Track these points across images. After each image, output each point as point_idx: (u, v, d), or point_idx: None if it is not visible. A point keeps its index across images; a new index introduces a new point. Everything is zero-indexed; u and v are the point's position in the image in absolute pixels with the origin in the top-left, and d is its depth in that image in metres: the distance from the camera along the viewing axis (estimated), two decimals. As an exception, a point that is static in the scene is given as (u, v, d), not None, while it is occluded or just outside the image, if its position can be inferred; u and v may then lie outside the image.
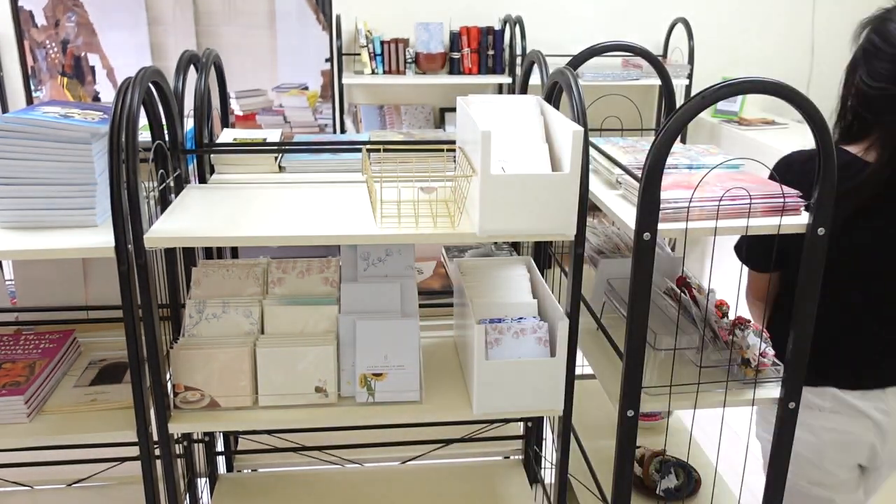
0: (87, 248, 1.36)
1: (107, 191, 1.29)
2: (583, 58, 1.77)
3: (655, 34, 3.81)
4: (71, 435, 1.49)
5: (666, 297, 1.58)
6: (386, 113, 3.77)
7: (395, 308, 1.58)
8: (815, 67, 3.97)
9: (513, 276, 1.70)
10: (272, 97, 3.74)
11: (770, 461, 1.50)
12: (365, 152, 1.51)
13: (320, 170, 1.77)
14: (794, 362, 1.42)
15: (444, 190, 1.56)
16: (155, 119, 1.51)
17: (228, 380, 1.49)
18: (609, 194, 1.55)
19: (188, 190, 1.64)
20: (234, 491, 1.91)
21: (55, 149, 1.38)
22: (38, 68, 3.58)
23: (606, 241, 1.85)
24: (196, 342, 1.51)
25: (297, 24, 3.67)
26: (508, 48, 3.56)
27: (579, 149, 1.33)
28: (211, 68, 1.75)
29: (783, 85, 1.26)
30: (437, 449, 2.04)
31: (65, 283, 1.82)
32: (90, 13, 3.55)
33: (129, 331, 1.37)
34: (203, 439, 1.90)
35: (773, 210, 1.36)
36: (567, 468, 1.63)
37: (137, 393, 1.41)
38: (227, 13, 3.63)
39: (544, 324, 1.52)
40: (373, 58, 3.48)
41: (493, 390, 1.49)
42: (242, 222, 1.43)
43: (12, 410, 1.48)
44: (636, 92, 3.65)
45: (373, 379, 1.52)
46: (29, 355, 1.61)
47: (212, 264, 1.64)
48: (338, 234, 1.39)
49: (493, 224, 1.36)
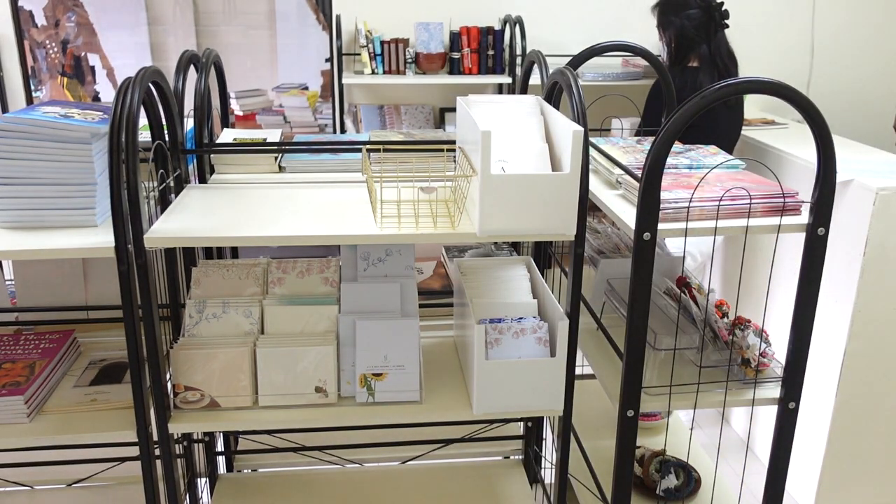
0: (87, 248, 1.36)
1: (107, 191, 1.29)
2: (583, 58, 1.77)
3: (655, 34, 3.81)
4: (71, 435, 1.49)
5: (666, 297, 1.58)
6: (386, 113, 3.77)
7: (395, 308, 1.58)
8: (815, 67, 3.97)
9: (513, 276, 1.70)
10: (272, 97, 3.74)
11: (770, 461, 1.50)
12: (365, 152, 1.51)
13: (320, 170, 1.77)
14: (793, 362, 1.42)
15: (444, 190, 1.56)
16: (155, 119, 1.51)
17: (228, 380, 1.49)
18: (609, 194, 1.55)
19: (188, 190, 1.64)
20: (234, 491, 1.92)
21: (55, 149, 1.38)
22: (38, 68, 3.58)
23: (606, 241, 1.85)
24: (196, 342, 1.51)
25: (297, 24, 3.67)
26: (508, 48, 3.55)
27: (579, 149, 1.33)
28: (211, 68, 1.75)
29: (783, 85, 1.26)
30: (437, 449, 2.04)
31: (65, 283, 1.82)
32: (90, 13, 3.55)
33: (129, 331, 1.37)
34: (203, 439, 1.90)
35: (772, 210, 1.36)
36: (567, 468, 1.63)
37: (137, 393, 1.41)
38: (227, 13, 3.63)
39: (544, 324, 1.52)
40: (373, 58, 3.47)
41: (493, 390, 1.49)
42: (242, 222, 1.43)
43: (12, 410, 1.48)
44: (636, 92, 3.65)
45: (373, 379, 1.52)
46: (29, 355, 1.61)
47: (212, 264, 1.64)
48: (338, 234, 1.39)
49: (493, 224, 1.36)
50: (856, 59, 3.97)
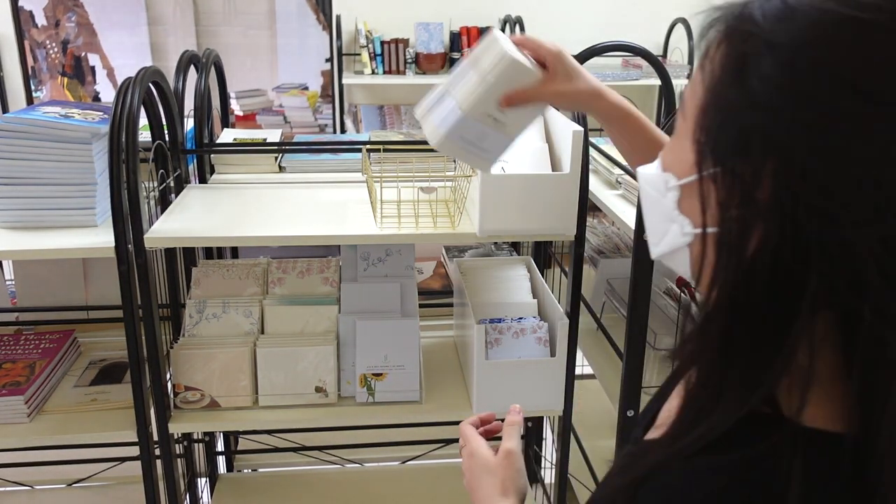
0: (87, 248, 1.36)
1: (107, 191, 1.29)
2: (583, 58, 1.77)
3: (655, 34, 3.81)
4: (71, 435, 1.49)
5: (666, 297, 1.58)
6: (386, 113, 3.77)
7: (395, 308, 1.58)
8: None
9: (513, 276, 1.70)
10: (272, 97, 3.74)
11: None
12: (365, 152, 1.51)
13: (320, 170, 1.77)
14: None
15: (444, 190, 1.56)
16: (155, 119, 1.51)
17: (228, 380, 1.49)
18: (609, 194, 1.55)
19: (188, 190, 1.63)
20: (234, 491, 1.91)
21: (55, 149, 1.38)
22: (39, 68, 3.58)
23: (606, 241, 1.85)
24: (196, 342, 1.51)
25: (297, 24, 3.67)
26: (508, 48, 3.56)
27: (579, 149, 1.33)
28: (211, 68, 1.75)
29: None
30: (437, 449, 2.04)
31: (65, 283, 1.82)
32: (90, 13, 3.55)
33: (129, 331, 1.37)
34: (203, 439, 1.90)
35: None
36: (567, 468, 1.63)
37: (137, 393, 1.41)
38: (227, 13, 3.63)
39: (544, 324, 1.52)
40: (373, 58, 3.47)
41: (493, 390, 1.49)
42: (242, 222, 1.43)
43: (12, 410, 1.48)
44: (636, 92, 3.65)
45: (373, 379, 1.52)
46: (29, 355, 1.61)
47: (212, 264, 1.64)
48: (338, 234, 1.39)
49: (493, 224, 1.36)
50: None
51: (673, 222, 0.60)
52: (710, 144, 0.55)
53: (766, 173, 0.51)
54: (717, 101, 0.54)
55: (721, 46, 0.55)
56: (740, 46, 0.53)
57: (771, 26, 0.51)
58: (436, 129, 1.02)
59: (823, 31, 0.50)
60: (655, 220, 0.64)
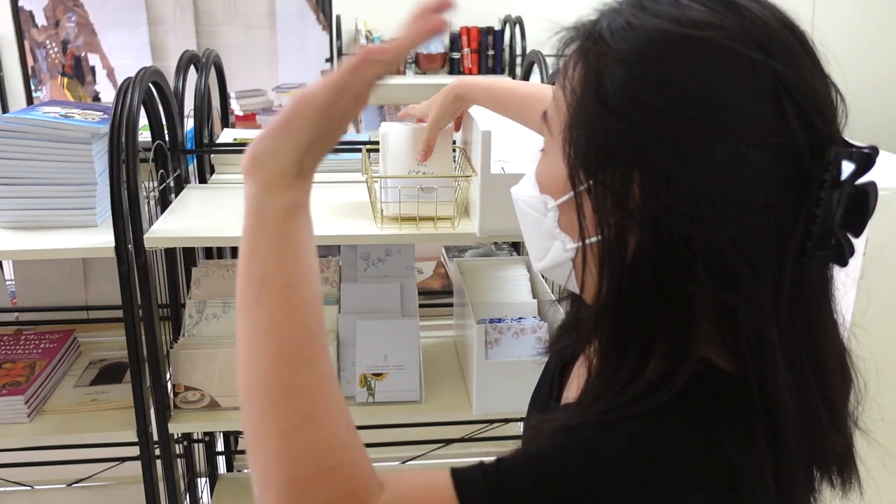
0: (87, 248, 1.36)
1: (107, 191, 1.29)
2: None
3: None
4: (71, 435, 1.49)
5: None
6: (386, 113, 3.77)
7: (395, 308, 1.58)
8: (815, 67, 3.98)
9: (513, 276, 1.70)
10: (272, 97, 3.74)
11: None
12: (365, 152, 1.51)
13: (320, 169, 1.75)
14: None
15: (444, 190, 1.56)
16: (155, 119, 1.51)
17: (228, 380, 1.49)
18: (609, 194, 1.55)
19: (188, 190, 1.64)
20: (234, 491, 1.91)
21: (55, 149, 1.38)
22: (38, 68, 3.58)
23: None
24: (196, 342, 1.51)
25: (297, 24, 3.67)
26: (508, 48, 3.56)
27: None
28: (211, 68, 1.75)
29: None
30: (437, 449, 2.04)
31: (65, 283, 1.82)
32: (90, 13, 3.55)
33: (129, 331, 1.37)
34: (203, 439, 1.90)
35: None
36: (567, 468, 1.63)
37: (137, 393, 1.41)
38: (227, 13, 3.63)
39: (544, 324, 1.52)
40: (373, 58, 3.48)
41: (493, 390, 1.49)
42: (242, 222, 1.43)
43: (12, 410, 1.47)
44: (636, 92, 3.65)
45: (373, 379, 1.52)
46: (29, 355, 1.61)
47: (212, 264, 1.64)
48: (338, 234, 1.39)
49: (493, 224, 1.36)
50: (856, 60, 3.97)
51: (555, 239, 0.64)
52: (580, 160, 0.58)
53: (635, 182, 0.54)
54: (580, 117, 0.58)
55: (578, 66, 0.59)
56: (595, 65, 0.57)
57: (618, 45, 0.56)
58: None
59: (666, 48, 0.54)
60: (537, 238, 0.67)
